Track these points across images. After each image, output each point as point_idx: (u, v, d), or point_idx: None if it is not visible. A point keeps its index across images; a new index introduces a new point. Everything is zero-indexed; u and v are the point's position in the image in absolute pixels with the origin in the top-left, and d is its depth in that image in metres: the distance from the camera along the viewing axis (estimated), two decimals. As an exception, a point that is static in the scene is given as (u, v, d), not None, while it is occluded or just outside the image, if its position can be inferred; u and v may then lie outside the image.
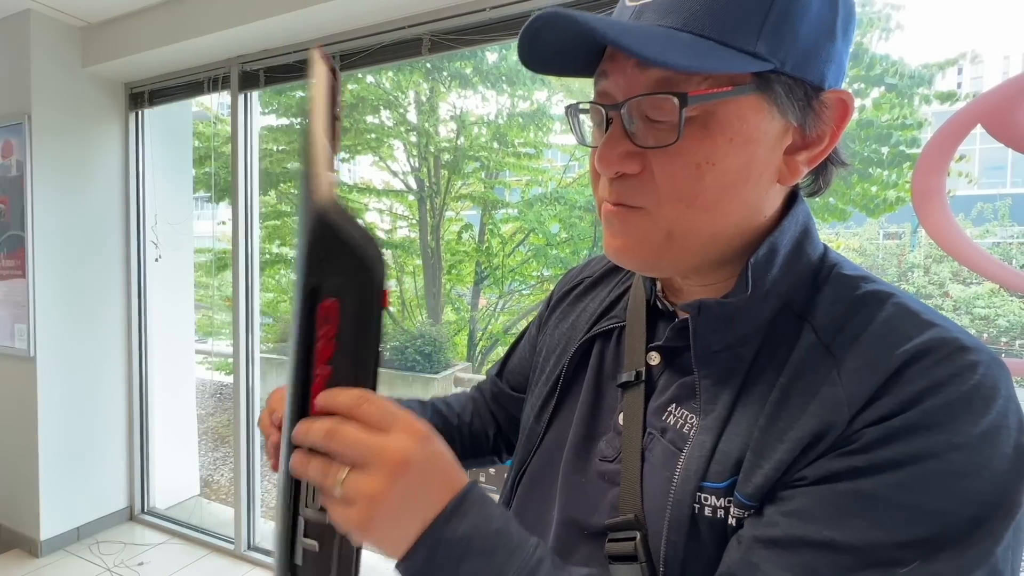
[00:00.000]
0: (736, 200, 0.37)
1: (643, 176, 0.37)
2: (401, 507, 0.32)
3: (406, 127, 5.31)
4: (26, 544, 2.31)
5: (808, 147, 0.38)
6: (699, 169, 0.35)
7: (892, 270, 6.46)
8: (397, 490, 0.32)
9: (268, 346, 6.48)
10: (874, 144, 3.84)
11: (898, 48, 8.42)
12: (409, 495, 0.33)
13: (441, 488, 0.34)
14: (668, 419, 0.41)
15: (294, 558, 0.36)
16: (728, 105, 0.35)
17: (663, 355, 0.44)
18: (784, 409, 0.34)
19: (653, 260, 0.39)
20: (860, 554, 0.29)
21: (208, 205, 6.16)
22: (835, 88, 0.37)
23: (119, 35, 2.20)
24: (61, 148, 2.27)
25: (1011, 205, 6.27)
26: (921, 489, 0.29)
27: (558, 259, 4.88)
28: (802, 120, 0.36)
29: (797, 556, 0.30)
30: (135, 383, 2.56)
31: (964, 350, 0.31)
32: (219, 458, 4.37)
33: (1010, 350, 5.32)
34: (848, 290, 0.37)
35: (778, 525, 0.32)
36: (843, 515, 0.30)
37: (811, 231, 0.41)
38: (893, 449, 0.30)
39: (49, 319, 2.25)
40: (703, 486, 0.36)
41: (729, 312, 0.38)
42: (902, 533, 0.28)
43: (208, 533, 2.44)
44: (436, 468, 0.34)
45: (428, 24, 1.79)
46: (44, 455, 2.25)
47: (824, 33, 0.35)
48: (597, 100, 0.39)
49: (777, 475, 0.33)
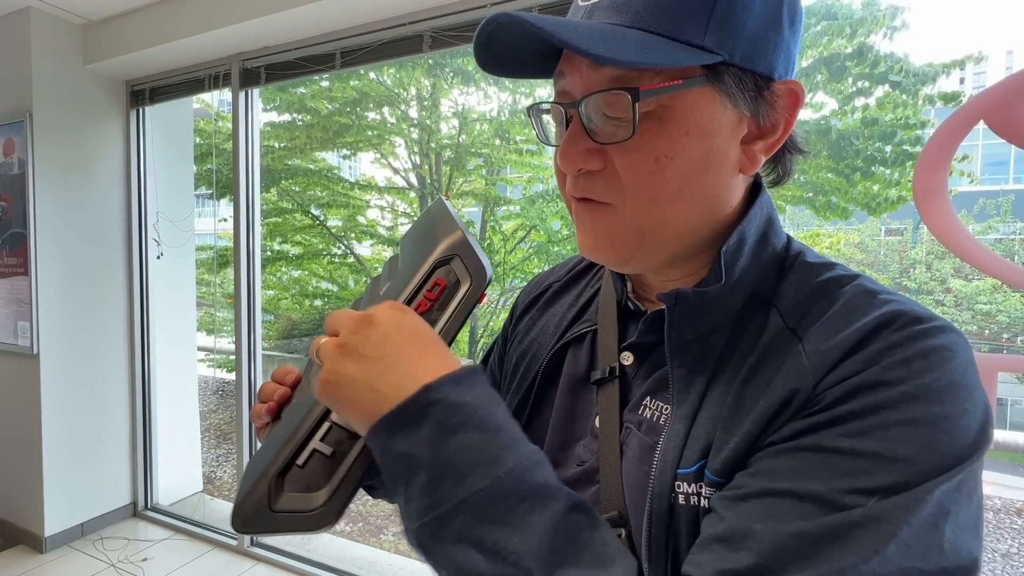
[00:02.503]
0: (699, 191, 0.38)
1: (606, 172, 0.38)
2: (370, 364, 0.33)
3: (408, 124, 5.30)
4: (30, 540, 2.33)
5: (763, 136, 0.39)
6: (659, 163, 0.36)
7: (894, 266, 6.45)
8: (362, 345, 0.34)
9: (270, 343, 6.49)
10: (878, 142, 3.82)
11: (903, 47, 8.38)
12: (378, 352, 0.34)
13: (426, 354, 0.35)
14: (644, 412, 0.41)
15: (296, 457, 0.38)
16: (681, 98, 0.35)
17: (636, 353, 0.44)
18: (750, 387, 0.35)
19: (627, 255, 0.40)
20: (821, 500, 0.29)
21: (210, 202, 6.17)
22: (785, 79, 0.38)
23: (120, 32, 2.20)
24: (62, 146, 2.27)
25: (1013, 201, 6.25)
26: (882, 438, 0.29)
27: (560, 256, 4.87)
28: (755, 110, 0.37)
29: (760, 506, 0.31)
30: (138, 380, 2.57)
31: (920, 319, 0.33)
32: (222, 455, 4.39)
33: (1011, 346, 5.32)
34: (812, 276, 0.39)
35: (745, 485, 0.32)
36: (806, 467, 0.30)
37: (775, 220, 0.42)
38: (853, 403, 0.31)
39: (51, 316, 2.26)
40: (678, 473, 0.36)
41: (704, 301, 0.39)
42: (863, 480, 0.29)
43: (211, 529, 2.46)
44: (413, 334, 0.35)
45: (429, 20, 1.79)
46: (48, 452, 2.26)
47: (770, 25, 0.36)
48: (557, 100, 0.40)
49: (745, 447, 0.34)
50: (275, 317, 6.69)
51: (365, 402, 0.33)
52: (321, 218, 5.73)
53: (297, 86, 4.78)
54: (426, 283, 0.42)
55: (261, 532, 0.38)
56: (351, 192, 5.51)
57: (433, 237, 0.44)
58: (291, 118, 5.11)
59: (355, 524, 3.29)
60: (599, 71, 0.36)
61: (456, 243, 0.43)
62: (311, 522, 0.37)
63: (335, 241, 5.87)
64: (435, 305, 0.41)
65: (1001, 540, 3.38)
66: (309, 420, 0.39)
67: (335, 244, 5.90)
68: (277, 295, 6.39)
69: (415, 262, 0.43)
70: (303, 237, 5.86)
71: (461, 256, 0.42)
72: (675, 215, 0.38)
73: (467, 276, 0.42)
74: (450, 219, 0.45)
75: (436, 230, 0.44)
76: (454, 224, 0.44)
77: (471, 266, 0.42)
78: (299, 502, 0.37)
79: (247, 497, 0.38)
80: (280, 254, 5.86)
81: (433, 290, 0.41)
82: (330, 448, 0.38)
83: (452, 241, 0.43)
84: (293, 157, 5.27)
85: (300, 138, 5.02)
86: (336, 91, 4.83)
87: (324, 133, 4.94)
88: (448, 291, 0.41)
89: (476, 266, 0.42)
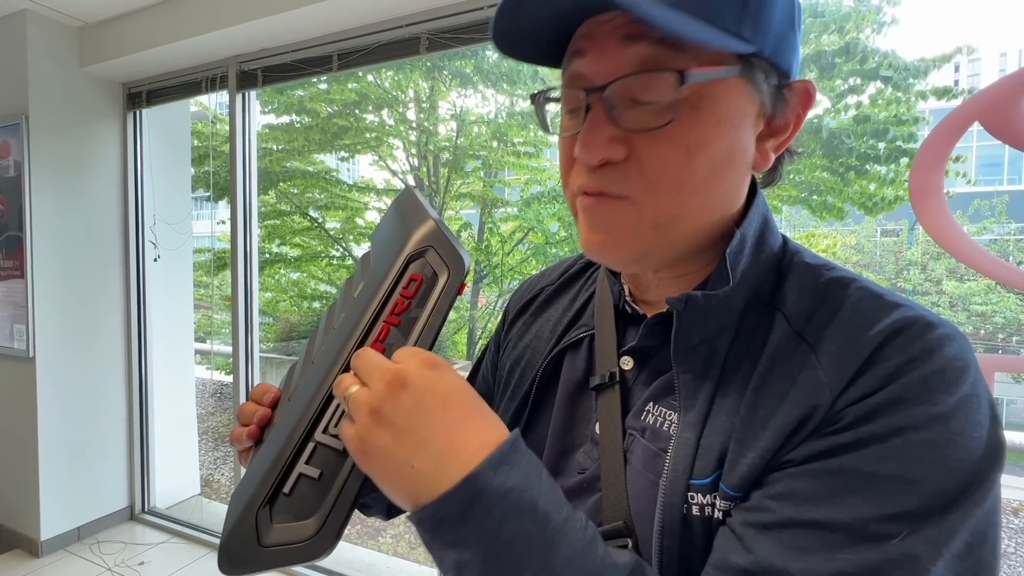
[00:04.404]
0: (721, 185, 0.37)
1: (628, 163, 0.35)
2: (404, 438, 0.31)
3: (406, 126, 5.31)
4: (27, 544, 2.31)
5: (775, 134, 0.38)
6: (689, 152, 0.34)
7: (889, 267, 6.48)
8: (396, 415, 0.31)
9: (267, 345, 6.48)
10: (871, 140, 3.84)
11: (893, 43, 8.41)
12: (412, 424, 0.31)
13: (463, 424, 0.32)
14: (647, 419, 0.39)
15: (282, 485, 0.36)
16: (717, 86, 0.34)
17: (636, 358, 0.42)
18: (763, 397, 0.34)
19: (639, 252, 0.38)
20: (850, 531, 0.29)
21: (207, 204, 6.16)
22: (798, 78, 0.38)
23: (117, 35, 2.19)
24: (59, 148, 2.27)
25: (1008, 202, 6.29)
26: (904, 460, 0.29)
27: (557, 257, 4.88)
28: (773, 107, 0.37)
29: (791, 538, 0.30)
30: (135, 383, 2.56)
31: (932, 327, 0.32)
32: (219, 457, 4.37)
33: (1007, 346, 5.34)
34: (813, 278, 0.38)
35: (769, 509, 0.31)
36: (831, 493, 0.30)
37: (771, 221, 0.41)
38: (875, 424, 0.30)
39: (48, 319, 2.25)
40: (691, 484, 0.35)
41: (713, 304, 0.37)
42: (890, 505, 0.29)
43: (209, 532, 2.45)
44: (446, 399, 0.32)
45: (426, 23, 1.79)
46: (44, 455, 2.25)
47: (788, 23, 0.36)
48: (572, 84, 0.37)
49: (763, 463, 0.33)
50: (273, 319, 6.68)
51: (403, 479, 0.31)
52: (319, 220, 5.73)
53: (295, 88, 4.78)
54: (400, 280, 0.39)
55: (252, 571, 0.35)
56: (349, 194, 5.51)
57: (404, 230, 0.41)
58: (289, 120, 5.11)
59: (353, 526, 3.28)
60: (629, 49, 0.33)
61: (428, 233, 0.40)
62: (305, 553, 0.34)
63: (333, 243, 5.87)
64: (413, 302, 0.39)
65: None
66: (292, 442, 0.36)
67: (333, 246, 5.89)
68: (275, 297, 6.38)
69: (387, 259, 0.41)
70: (301, 239, 5.86)
71: (435, 247, 0.40)
72: (695, 210, 0.36)
73: (444, 267, 0.39)
74: (420, 209, 0.42)
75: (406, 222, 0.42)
76: (424, 214, 0.41)
77: (447, 256, 0.39)
78: (290, 533, 0.35)
79: (233, 535, 0.35)
80: (278, 256, 5.85)
81: (409, 286, 0.39)
82: (317, 470, 0.36)
83: (424, 232, 0.40)
84: (291, 159, 5.27)
85: (298, 140, 5.02)
86: (334, 93, 4.83)
87: (322, 135, 4.94)
88: (425, 285, 0.39)
89: (452, 256, 0.39)
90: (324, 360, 0.39)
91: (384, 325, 0.38)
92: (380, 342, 0.38)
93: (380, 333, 0.38)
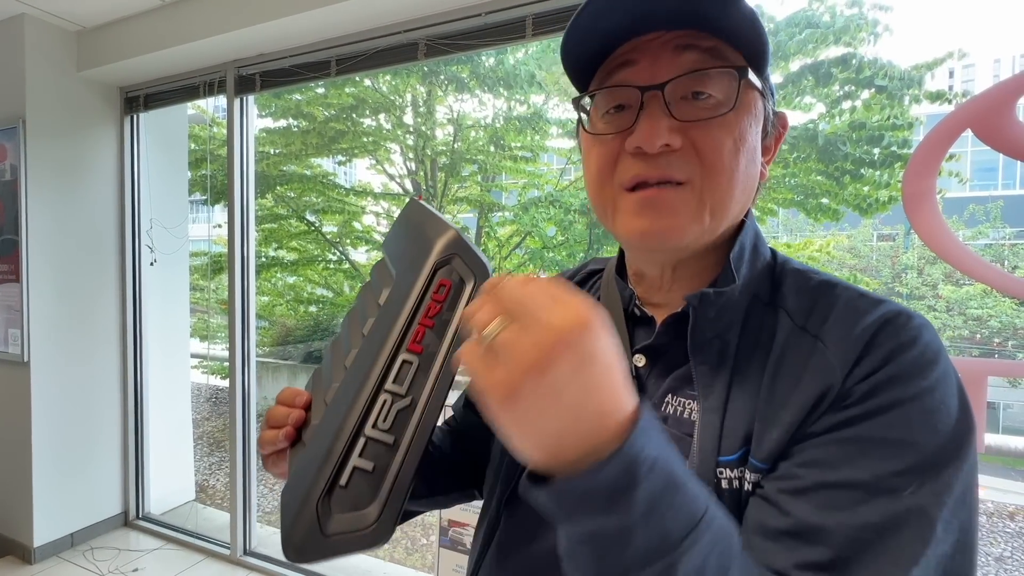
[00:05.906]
0: (751, 182, 0.43)
1: (684, 151, 0.40)
2: (557, 389, 0.27)
3: (403, 130, 5.31)
4: (19, 551, 2.29)
5: (764, 153, 0.45)
6: (736, 143, 0.40)
7: (886, 271, 6.50)
8: (557, 364, 0.27)
9: (264, 350, 6.45)
10: (866, 145, 3.86)
11: (887, 51, 8.49)
12: (570, 379, 0.27)
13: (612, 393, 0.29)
14: (667, 409, 0.43)
15: (338, 478, 0.38)
16: (753, 93, 0.41)
17: (648, 356, 0.46)
18: (779, 381, 0.39)
19: (696, 236, 0.42)
20: (869, 487, 0.34)
21: (204, 208, 6.15)
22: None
23: (114, 39, 2.20)
24: (56, 152, 2.27)
25: (1002, 207, 6.33)
26: (905, 426, 0.35)
27: (554, 262, 4.88)
28: (766, 128, 0.44)
29: (822, 499, 0.34)
30: (130, 388, 2.55)
31: (911, 318, 0.39)
32: (215, 463, 4.34)
33: (1003, 350, 5.36)
34: (805, 281, 0.44)
35: (798, 476, 0.36)
36: (850, 457, 0.35)
37: (760, 234, 0.48)
38: (880, 398, 0.36)
39: (43, 324, 2.24)
40: (720, 461, 0.38)
41: (723, 301, 0.42)
42: (897, 463, 0.34)
43: (204, 538, 2.43)
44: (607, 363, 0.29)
45: (424, 29, 1.80)
46: (38, 461, 2.24)
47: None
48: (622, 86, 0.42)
49: (787, 436, 0.37)
50: (270, 323, 6.66)
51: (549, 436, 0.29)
52: (316, 224, 5.72)
53: (293, 92, 4.78)
54: (431, 285, 0.42)
55: (317, 558, 0.37)
56: (347, 198, 5.51)
57: (425, 239, 0.44)
58: (287, 124, 5.11)
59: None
60: (681, 56, 0.40)
61: (452, 242, 0.43)
62: (368, 540, 0.36)
63: (330, 247, 5.86)
64: (444, 306, 0.42)
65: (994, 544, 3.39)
66: (343, 438, 0.39)
67: (330, 250, 5.88)
68: (272, 301, 6.36)
69: (414, 266, 0.43)
70: (298, 243, 5.84)
71: (460, 254, 0.43)
72: (735, 200, 0.42)
73: (469, 273, 0.42)
74: (438, 219, 0.45)
75: (427, 232, 0.45)
76: (445, 224, 0.44)
77: (471, 263, 0.43)
78: (351, 522, 0.37)
79: (295, 526, 0.37)
80: (275, 260, 5.84)
81: (440, 291, 0.42)
82: (371, 463, 0.38)
83: (448, 240, 0.43)
84: (289, 163, 5.27)
85: (296, 144, 5.02)
86: (332, 97, 4.84)
87: (320, 139, 4.94)
88: (454, 290, 0.42)
89: (476, 262, 0.43)
90: (363, 362, 0.42)
91: (420, 327, 0.41)
92: (417, 343, 0.41)
93: (416, 335, 0.41)
